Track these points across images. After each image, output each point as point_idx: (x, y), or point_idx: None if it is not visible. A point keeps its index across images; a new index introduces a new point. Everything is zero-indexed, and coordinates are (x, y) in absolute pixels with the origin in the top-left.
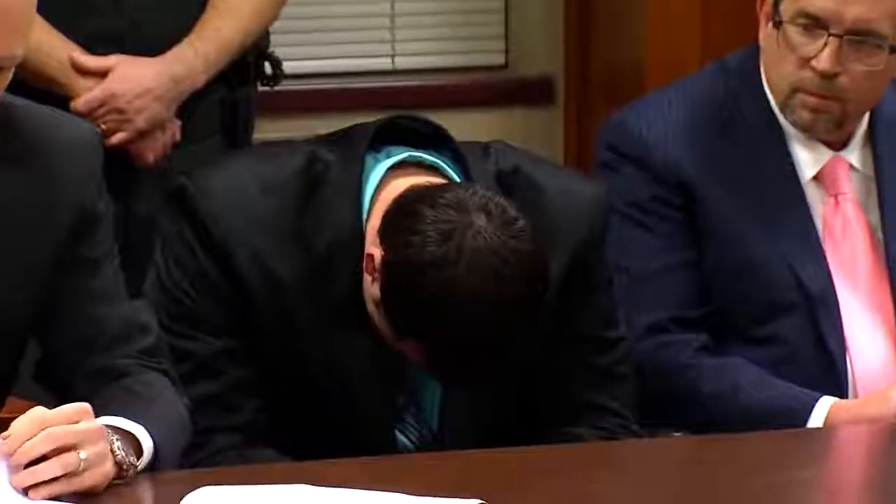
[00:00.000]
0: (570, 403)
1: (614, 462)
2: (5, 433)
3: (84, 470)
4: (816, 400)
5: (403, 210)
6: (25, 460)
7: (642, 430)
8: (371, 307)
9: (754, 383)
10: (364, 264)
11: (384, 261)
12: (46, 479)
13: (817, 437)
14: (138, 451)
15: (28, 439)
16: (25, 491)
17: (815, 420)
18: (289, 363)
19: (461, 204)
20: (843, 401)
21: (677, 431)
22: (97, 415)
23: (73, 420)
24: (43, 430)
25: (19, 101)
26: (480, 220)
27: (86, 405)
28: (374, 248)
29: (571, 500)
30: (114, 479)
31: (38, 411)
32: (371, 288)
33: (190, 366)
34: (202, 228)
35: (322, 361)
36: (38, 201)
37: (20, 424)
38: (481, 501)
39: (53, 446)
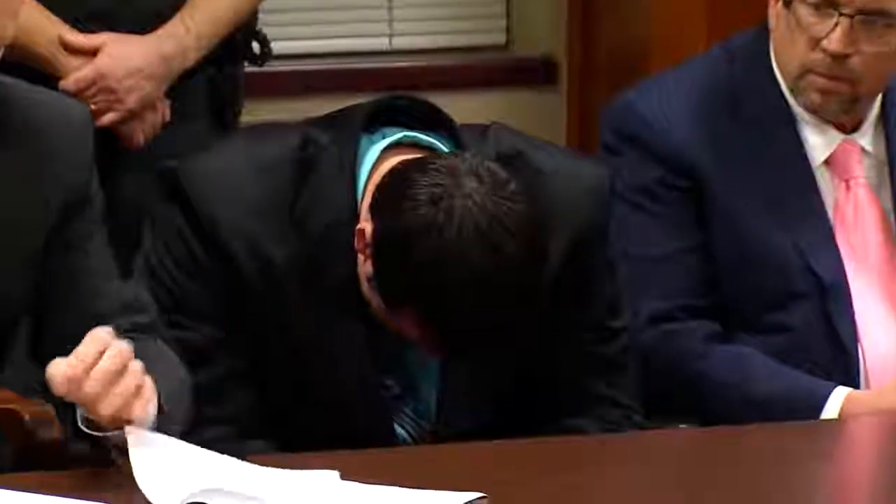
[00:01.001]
0: (570, 393)
1: (618, 455)
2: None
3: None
4: (830, 391)
5: (393, 180)
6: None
7: (647, 422)
8: (365, 286)
9: (765, 373)
10: (356, 242)
11: (374, 232)
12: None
13: (830, 430)
14: None
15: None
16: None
17: (830, 411)
18: (283, 351)
19: (451, 169)
20: (858, 391)
21: (684, 423)
22: None
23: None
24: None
25: (8, 81)
26: (471, 183)
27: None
28: (364, 223)
29: (573, 494)
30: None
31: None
32: (364, 266)
33: (180, 355)
34: (193, 213)
35: (317, 349)
36: (29, 182)
37: (87, 346)
38: (482, 495)
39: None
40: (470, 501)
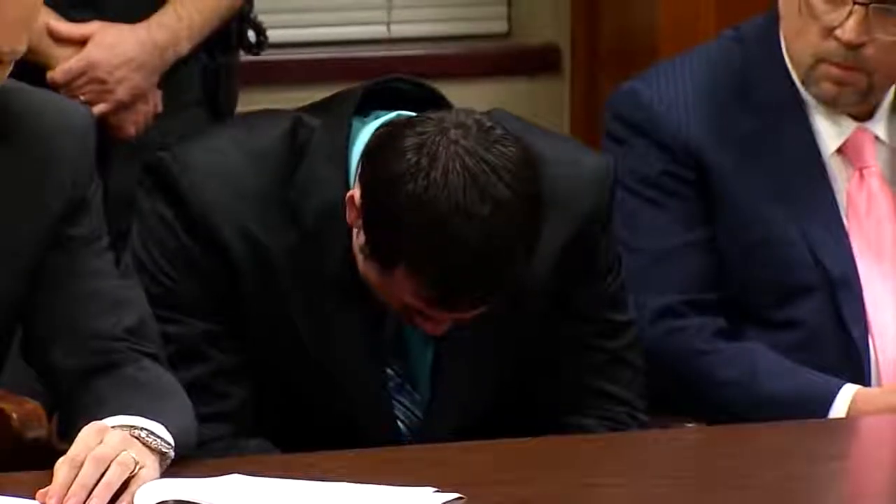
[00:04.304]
0: (571, 388)
1: (620, 453)
2: (41, 491)
3: (141, 467)
4: (839, 388)
5: (379, 141)
6: (86, 493)
7: (652, 421)
8: (360, 260)
9: (773, 370)
10: (347, 213)
11: (362, 191)
12: (118, 485)
13: (839, 428)
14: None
15: (73, 479)
16: None
17: (838, 409)
18: (280, 343)
19: (437, 121)
20: (868, 389)
21: (690, 422)
22: (103, 410)
23: (98, 440)
24: (78, 466)
25: (10, 83)
26: (456, 130)
27: (98, 424)
28: (354, 191)
29: (573, 494)
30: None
31: (63, 459)
32: (357, 239)
33: (172, 351)
34: (183, 203)
35: (314, 339)
36: (29, 186)
37: (60, 471)
38: (459, 495)
39: (103, 465)
40: (447, 502)
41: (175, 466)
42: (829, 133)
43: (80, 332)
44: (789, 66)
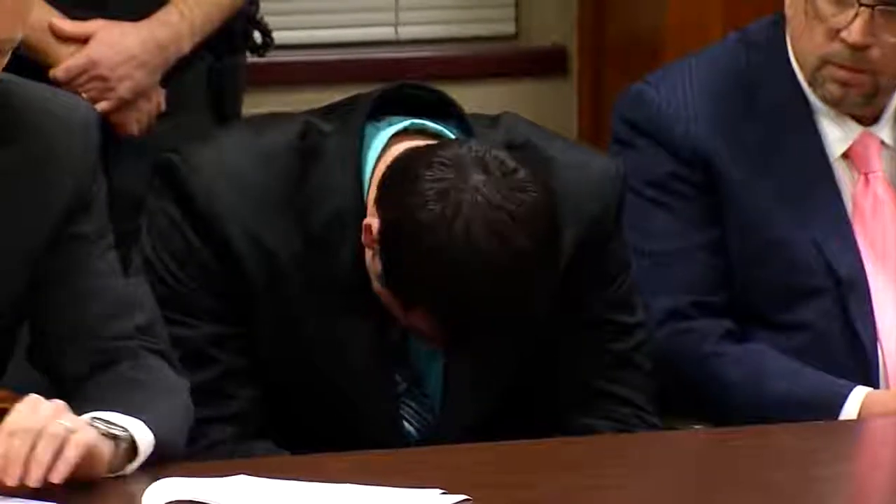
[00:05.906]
0: (579, 390)
1: (628, 455)
2: None
3: (72, 432)
4: (850, 390)
5: (398, 174)
6: (19, 470)
7: (661, 423)
8: (375, 284)
9: (782, 372)
10: (363, 236)
11: (381, 229)
12: (47, 459)
13: (848, 431)
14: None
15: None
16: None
17: (849, 411)
18: (287, 346)
19: (457, 161)
20: (879, 391)
21: (698, 423)
22: (93, 405)
23: (34, 412)
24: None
25: (13, 80)
26: (478, 175)
27: (34, 396)
28: (371, 218)
29: (579, 495)
30: (116, 459)
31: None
32: (373, 262)
33: (180, 353)
34: (192, 206)
35: (323, 343)
36: (32, 184)
37: None
38: (466, 497)
39: (32, 438)
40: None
41: (182, 467)
42: (835, 137)
43: (82, 331)
44: (795, 68)
